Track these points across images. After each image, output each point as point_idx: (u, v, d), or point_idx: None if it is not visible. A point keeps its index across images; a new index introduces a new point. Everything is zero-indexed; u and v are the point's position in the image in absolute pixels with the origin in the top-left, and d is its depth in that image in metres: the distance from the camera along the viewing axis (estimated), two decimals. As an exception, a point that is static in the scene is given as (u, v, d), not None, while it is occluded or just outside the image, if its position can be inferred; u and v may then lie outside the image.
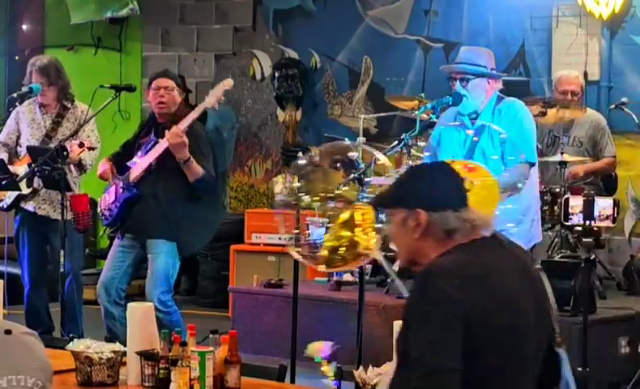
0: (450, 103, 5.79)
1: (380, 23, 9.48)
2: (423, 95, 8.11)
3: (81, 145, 6.70)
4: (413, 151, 7.59)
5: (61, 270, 6.45)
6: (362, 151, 5.39)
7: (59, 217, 6.54)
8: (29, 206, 6.96)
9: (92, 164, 6.99)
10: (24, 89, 7.13)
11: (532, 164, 5.59)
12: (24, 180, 6.81)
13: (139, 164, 6.41)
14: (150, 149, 6.39)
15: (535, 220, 5.69)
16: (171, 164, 6.28)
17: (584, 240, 5.49)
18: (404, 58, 9.34)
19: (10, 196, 6.97)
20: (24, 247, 7.07)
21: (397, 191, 2.89)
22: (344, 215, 3.77)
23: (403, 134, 5.73)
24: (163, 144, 6.29)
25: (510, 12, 8.79)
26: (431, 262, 2.78)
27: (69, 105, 7.07)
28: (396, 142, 5.72)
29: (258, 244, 8.86)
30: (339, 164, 6.55)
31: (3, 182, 6.78)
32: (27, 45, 11.23)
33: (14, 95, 7.29)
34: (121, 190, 6.45)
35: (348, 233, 3.75)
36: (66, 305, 6.61)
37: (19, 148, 7.12)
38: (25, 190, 6.88)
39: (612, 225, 5.69)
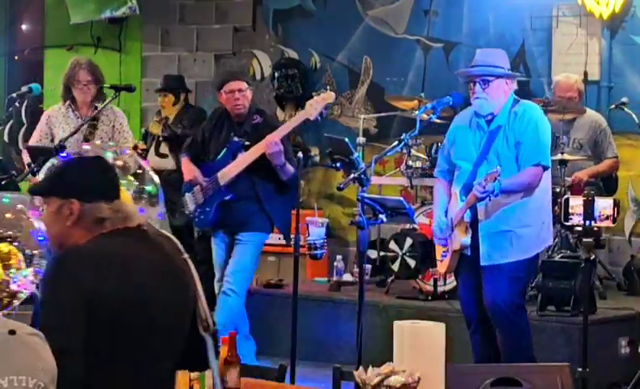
0: (451, 103, 5.77)
1: (380, 23, 9.48)
2: (423, 95, 8.11)
3: (135, 148, 6.76)
4: (413, 151, 7.62)
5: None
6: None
7: None
8: None
9: None
10: (24, 89, 7.12)
11: (545, 168, 5.57)
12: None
13: (231, 168, 6.64)
14: (236, 152, 6.57)
15: (545, 222, 5.67)
16: (263, 165, 6.52)
17: (584, 240, 5.48)
18: (404, 58, 9.34)
19: None
20: None
21: (52, 181, 3.12)
22: None
23: (403, 135, 5.71)
24: (257, 150, 6.53)
25: (510, 12, 8.79)
26: (67, 248, 2.96)
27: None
28: (396, 142, 5.70)
29: (258, 244, 8.84)
30: (339, 164, 6.57)
31: (3, 182, 6.78)
32: (27, 45, 11.23)
33: (14, 95, 7.28)
34: (210, 192, 6.63)
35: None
36: None
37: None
38: None
39: (612, 225, 5.68)
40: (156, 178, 5.54)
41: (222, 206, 6.71)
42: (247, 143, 6.62)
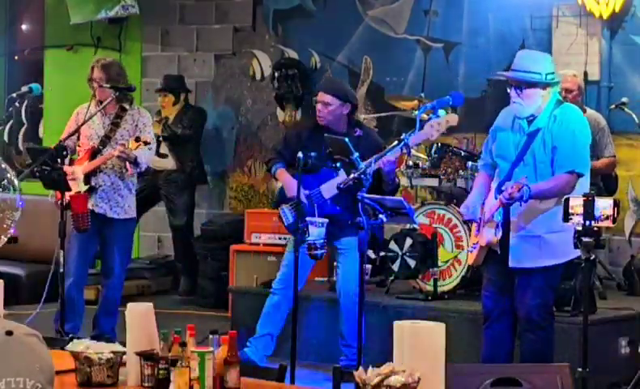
0: (450, 103, 5.77)
1: (380, 23, 9.48)
2: (423, 95, 8.11)
3: (137, 139, 6.79)
4: (413, 151, 7.61)
5: (61, 270, 6.46)
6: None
7: (115, 216, 7.02)
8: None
9: (147, 164, 7.05)
10: (24, 89, 7.14)
11: (580, 175, 5.53)
12: (82, 178, 6.91)
13: (333, 184, 6.47)
14: (339, 168, 6.42)
15: None
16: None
17: (584, 240, 5.47)
18: (404, 58, 9.34)
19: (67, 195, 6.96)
20: (75, 243, 7.08)
21: None
22: None
23: (403, 134, 5.71)
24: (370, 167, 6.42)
25: (510, 12, 8.79)
26: None
27: (127, 107, 7.11)
28: (396, 142, 5.70)
29: (258, 244, 8.85)
30: (339, 164, 6.57)
31: (4, 182, 6.78)
32: (27, 45, 11.24)
33: (14, 95, 7.29)
34: (315, 206, 6.65)
35: None
36: (109, 302, 7.17)
37: (77, 148, 7.21)
38: (83, 188, 6.92)
39: (612, 225, 5.67)
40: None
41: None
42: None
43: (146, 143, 6.89)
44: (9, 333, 2.48)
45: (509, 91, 5.58)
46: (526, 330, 5.63)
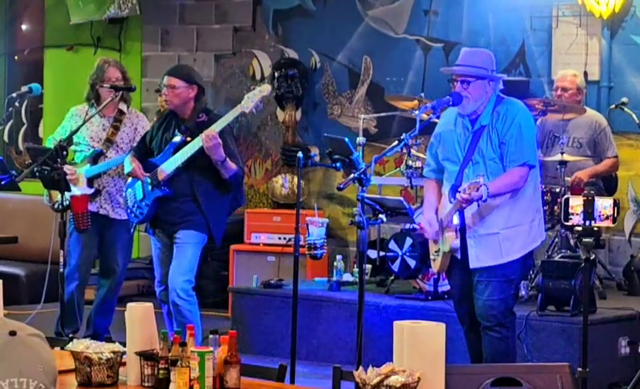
0: (451, 103, 5.76)
1: (380, 23, 9.48)
2: (423, 95, 8.11)
3: None
4: (413, 151, 7.62)
5: (61, 270, 6.46)
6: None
7: (117, 216, 7.03)
8: (92, 206, 6.97)
9: None
10: (24, 89, 7.13)
11: (531, 167, 5.54)
12: (85, 180, 6.91)
13: (169, 163, 6.45)
14: (178, 148, 6.44)
15: (535, 220, 5.65)
16: (203, 162, 6.35)
17: (584, 240, 5.47)
18: (404, 58, 9.33)
19: (67, 198, 6.93)
20: (78, 245, 7.08)
21: None
22: None
23: (403, 134, 5.70)
24: (195, 145, 6.36)
25: (510, 12, 8.79)
26: None
27: (125, 110, 7.13)
28: (396, 142, 5.69)
29: (258, 244, 8.86)
30: (339, 164, 6.57)
31: (3, 182, 6.79)
32: (27, 45, 11.24)
33: (14, 95, 7.29)
34: (149, 188, 6.51)
35: None
36: (107, 303, 7.19)
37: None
38: (88, 191, 6.92)
39: (612, 225, 5.68)
40: None
41: (159, 202, 6.50)
42: (189, 139, 6.42)
43: None
44: (12, 333, 2.47)
45: (453, 87, 5.60)
46: (486, 328, 5.57)
